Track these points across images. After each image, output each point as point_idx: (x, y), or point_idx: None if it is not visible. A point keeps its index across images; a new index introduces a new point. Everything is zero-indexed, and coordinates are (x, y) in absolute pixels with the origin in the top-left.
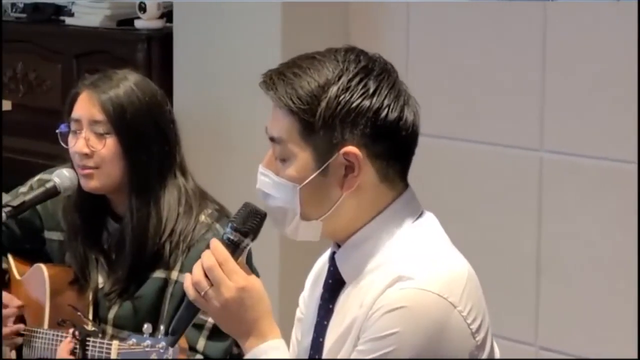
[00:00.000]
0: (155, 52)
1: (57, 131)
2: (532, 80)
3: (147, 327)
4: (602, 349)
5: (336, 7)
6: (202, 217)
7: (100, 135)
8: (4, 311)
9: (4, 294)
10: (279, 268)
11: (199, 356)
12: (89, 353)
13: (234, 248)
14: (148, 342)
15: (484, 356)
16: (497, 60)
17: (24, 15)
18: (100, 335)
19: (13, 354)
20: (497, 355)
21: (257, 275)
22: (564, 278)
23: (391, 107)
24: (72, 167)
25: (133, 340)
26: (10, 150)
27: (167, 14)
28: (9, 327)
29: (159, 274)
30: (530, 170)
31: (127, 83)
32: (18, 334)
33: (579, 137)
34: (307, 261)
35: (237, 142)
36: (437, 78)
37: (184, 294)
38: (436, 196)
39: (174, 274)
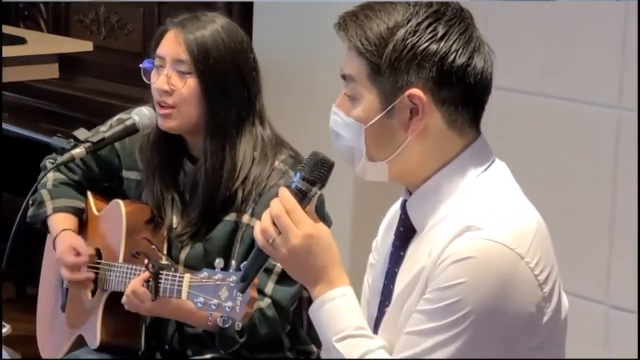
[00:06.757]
0: None
1: (140, 66)
2: (612, 35)
3: (218, 261)
4: None
5: None
6: (276, 163)
7: (182, 74)
8: (77, 259)
9: (79, 240)
10: (352, 216)
11: (267, 300)
12: (161, 286)
13: (302, 197)
14: (219, 275)
15: (552, 307)
16: (577, 13)
17: None
18: (173, 269)
19: (89, 293)
20: (566, 307)
21: (330, 222)
22: (637, 237)
23: (459, 52)
24: (152, 106)
25: (205, 274)
26: (90, 91)
27: None
28: (82, 274)
29: (230, 217)
30: (607, 128)
31: (215, 26)
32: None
33: None
34: (380, 209)
35: (319, 88)
36: (517, 31)
37: (253, 240)
38: (511, 150)
39: (245, 218)
